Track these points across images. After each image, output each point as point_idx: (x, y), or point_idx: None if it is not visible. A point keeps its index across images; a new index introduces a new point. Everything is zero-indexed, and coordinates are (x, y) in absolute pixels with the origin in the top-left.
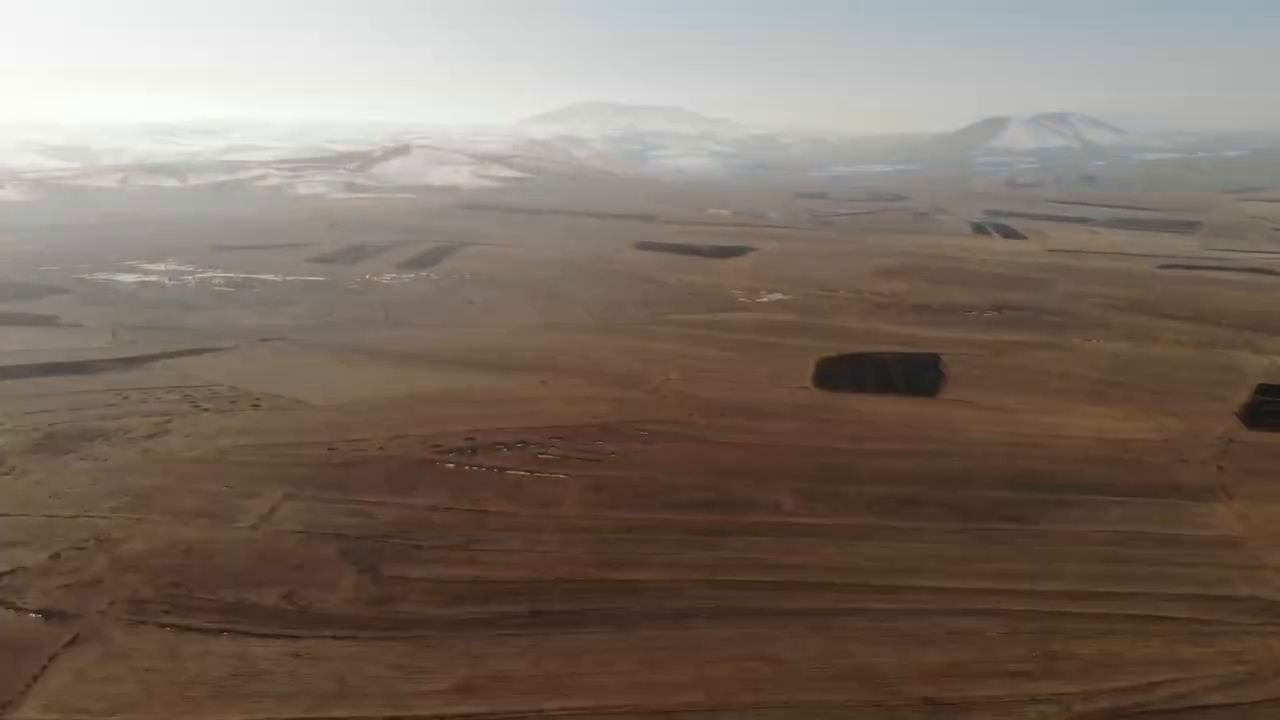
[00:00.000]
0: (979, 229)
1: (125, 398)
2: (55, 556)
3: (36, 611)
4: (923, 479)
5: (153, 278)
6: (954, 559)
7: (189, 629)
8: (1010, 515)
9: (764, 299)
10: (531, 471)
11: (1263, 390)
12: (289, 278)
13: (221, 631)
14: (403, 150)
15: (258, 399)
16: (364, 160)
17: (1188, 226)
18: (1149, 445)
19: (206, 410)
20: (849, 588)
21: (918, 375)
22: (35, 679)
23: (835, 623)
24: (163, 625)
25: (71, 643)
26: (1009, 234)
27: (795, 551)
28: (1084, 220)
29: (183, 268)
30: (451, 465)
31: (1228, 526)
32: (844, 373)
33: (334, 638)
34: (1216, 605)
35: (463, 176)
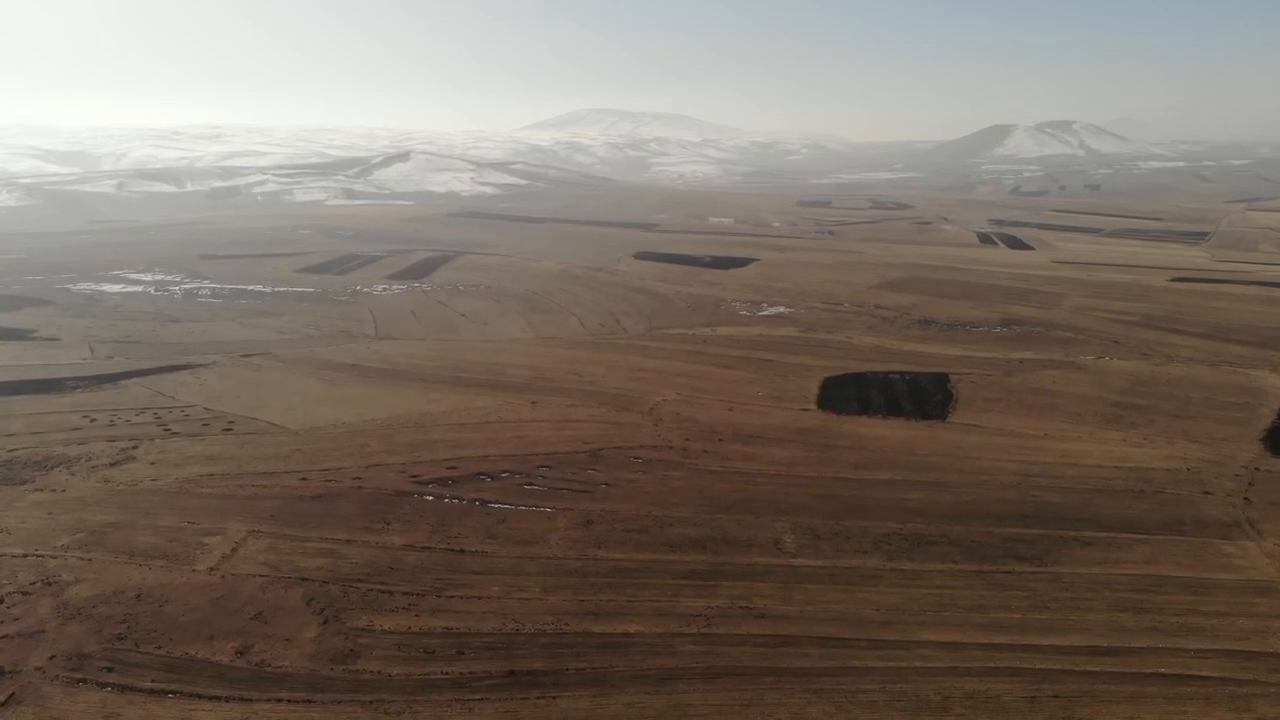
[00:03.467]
0: (985, 239)
1: (92, 420)
2: None
3: None
4: (932, 513)
5: (138, 288)
6: (968, 607)
7: (131, 689)
8: (1026, 555)
9: (765, 312)
10: (516, 505)
11: None
12: (278, 289)
13: (165, 693)
14: (402, 156)
15: (231, 422)
16: (363, 166)
17: (1196, 237)
18: (1170, 475)
19: (176, 435)
20: (854, 643)
21: (925, 396)
22: None
23: (839, 685)
24: (103, 685)
25: (5, 703)
26: (1015, 244)
27: (796, 599)
28: (1091, 230)
29: (170, 278)
30: (430, 497)
31: (1259, 569)
32: (848, 393)
33: (288, 701)
34: (1252, 663)
35: (462, 183)
